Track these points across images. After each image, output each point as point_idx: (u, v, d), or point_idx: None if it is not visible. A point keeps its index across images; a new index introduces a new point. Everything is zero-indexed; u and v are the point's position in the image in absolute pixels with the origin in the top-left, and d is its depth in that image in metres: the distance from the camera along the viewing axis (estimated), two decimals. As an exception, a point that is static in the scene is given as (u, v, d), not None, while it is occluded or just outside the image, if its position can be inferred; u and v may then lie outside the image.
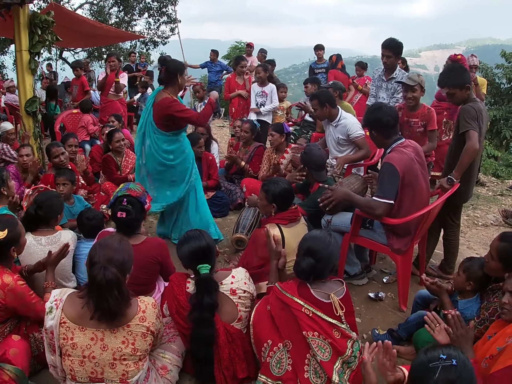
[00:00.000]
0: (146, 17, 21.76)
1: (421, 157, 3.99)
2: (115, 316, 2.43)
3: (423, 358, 1.92)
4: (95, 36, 11.74)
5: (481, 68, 17.12)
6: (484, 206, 7.55)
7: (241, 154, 6.74)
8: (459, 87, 4.17)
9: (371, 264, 4.78)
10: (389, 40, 5.75)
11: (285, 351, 2.78)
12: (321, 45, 10.46)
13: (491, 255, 3.04)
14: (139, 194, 3.48)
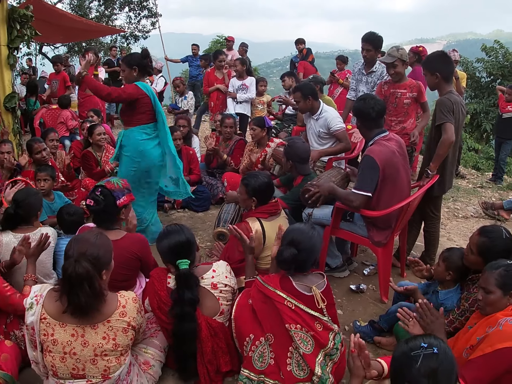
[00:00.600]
0: (126, 11, 21.63)
1: (403, 150, 4.03)
2: (87, 311, 2.41)
3: (404, 348, 1.93)
4: (75, 31, 11.60)
5: (462, 62, 17.28)
6: (464, 198, 7.62)
7: (222, 148, 6.70)
8: (429, 71, 4.24)
9: (352, 257, 4.81)
10: (369, 34, 5.77)
11: (267, 344, 2.78)
12: (302, 39, 10.50)
13: (471, 250, 3.05)
14: (115, 188, 3.42)
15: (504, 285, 2.53)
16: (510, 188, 8.43)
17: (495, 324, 2.47)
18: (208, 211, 6.14)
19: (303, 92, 5.32)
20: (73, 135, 8.41)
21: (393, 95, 5.32)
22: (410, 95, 5.26)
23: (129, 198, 3.50)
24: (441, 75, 4.18)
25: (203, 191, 6.22)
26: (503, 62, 17.09)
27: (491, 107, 16.48)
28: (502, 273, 2.54)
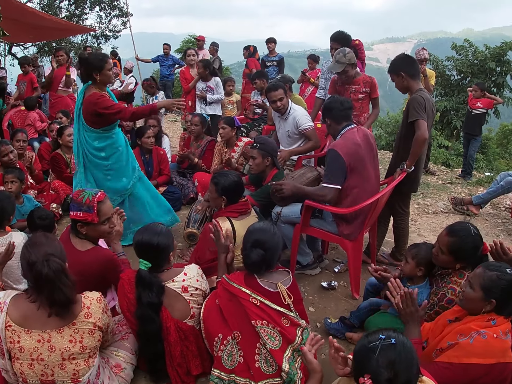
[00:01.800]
0: (97, 11, 21.34)
1: (370, 144, 4.07)
2: (70, 303, 2.42)
3: (364, 340, 1.96)
4: (45, 29, 11.42)
5: (432, 61, 17.53)
6: (434, 194, 7.72)
7: (193, 149, 6.66)
8: (394, 73, 4.30)
9: (323, 254, 4.83)
10: (337, 33, 5.83)
11: (235, 343, 2.78)
12: (272, 38, 10.51)
13: (441, 250, 3.05)
14: (76, 200, 3.21)
15: (487, 290, 2.49)
16: (479, 184, 8.56)
17: (468, 334, 2.49)
18: (180, 211, 6.08)
19: (284, 89, 5.38)
20: (42, 137, 8.28)
21: (347, 91, 5.40)
22: (364, 90, 5.36)
23: (85, 216, 3.18)
24: (406, 73, 4.22)
25: (174, 192, 6.18)
26: (473, 60, 17.37)
27: (461, 105, 16.73)
28: (493, 277, 2.50)
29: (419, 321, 2.76)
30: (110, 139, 4.68)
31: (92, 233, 3.27)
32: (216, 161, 6.28)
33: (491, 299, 2.48)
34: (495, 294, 2.47)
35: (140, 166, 6.08)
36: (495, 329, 2.46)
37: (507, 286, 2.45)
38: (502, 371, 2.40)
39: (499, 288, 2.46)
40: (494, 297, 2.47)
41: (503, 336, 2.44)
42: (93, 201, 3.19)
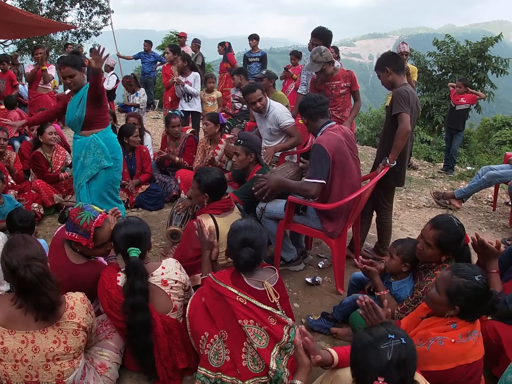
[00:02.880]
0: (77, 8, 21.17)
1: (350, 140, 4.09)
2: (56, 306, 2.40)
3: (369, 338, 1.93)
4: (26, 27, 11.22)
5: (414, 56, 17.68)
6: (417, 189, 7.79)
7: (172, 148, 6.62)
8: (380, 69, 4.34)
9: (307, 250, 4.84)
10: (318, 29, 5.84)
11: (222, 341, 2.77)
12: (255, 34, 10.52)
13: (427, 243, 3.05)
14: (72, 221, 3.12)
15: (452, 296, 2.46)
16: (461, 178, 8.66)
17: (425, 340, 2.49)
18: (162, 209, 6.07)
19: (262, 90, 5.37)
20: (23, 136, 8.18)
21: (328, 88, 5.42)
22: (344, 85, 5.40)
23: (80, 239, 3.10)
24: (391, 68, 4.26)
25: (156, 190, 6.15)
26: (454, 55, 17.55)
27: (443, 100, 16.89)
28: (460, 284, 2.46)
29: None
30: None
31: (87, 252, 3.23)
32: (199, 158, 6.26)
33: (455, 306, 2.46)
34: (460, 302, 2.44)
35: (122, 165, 6.05)
36: (454, 333, 2.45)
37: (472, 295, 2.42)
38: (465, 373, 2.41)
39: (464, 296, 2.43)
40: (458, 304, 2.45)
41: (462, 339, 2.43)
42: (90, 225, 3.09)
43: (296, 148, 5.54)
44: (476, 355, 2.46)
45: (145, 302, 2.93)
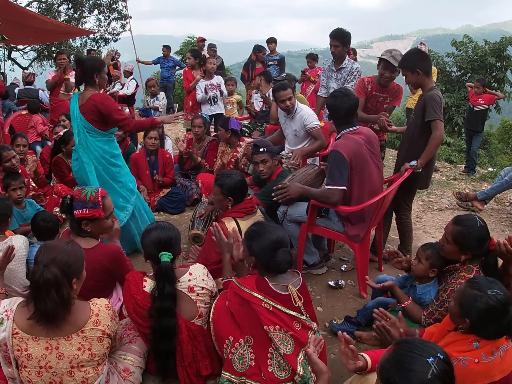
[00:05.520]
0: (96, 14, 21.35)
1: (372, 145, 4.03)
2: (53, 319, 2.35)
3: (416, 365, 1.81)
4: (45, 32, 11.38)
5: (432, 57, 17.55)
6: (438, 191, 7.71)
7: (195, 150, 6.65)
8: (409, 69, 4.24)
9: (329, 253, 4.81)
10: (336, 30, 5.83)
11: (247, 346, 2.76)
12: (273, 38, 10.53)
13: (447, 239, 3.06)
14: (79, 199, 3.25)
15: (464, 308, 2.40)
16: (483, 179, 8.57)
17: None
18: (184, 213, 6.09)
19: (292, 88, 5.36)
20: (45, 141, 8.28)
21: (375, 98, 5.30)
22: (390, 100, 5.30)
23: (92, 212, 3.25)
24: (422, 70, 4.18)
25: (177, 193, 6.17)
26: (473, 56, 17.40)
27: (462, 101, 16.74)
28: (471, 297, 2.38)
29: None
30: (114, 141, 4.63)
31: (96, 229, 3.34)
32: (219, 162, 6.28)
33: (465, 318, 2.40)
34: (471, 315, 2.37)
35: (144, 167, 6.06)
36: (477, 353, 2.37)
37: (483, 309, 2.33)
38: None
39: (474, 309, 2.35)
40: (469, 317, 2.38)
41: (488, 357, 2.35)
42: (97, 197, 3.28)
43: (318, 151, 5.51)
44: (504, 370, 2.38)
45: (173, 307, 2.91)
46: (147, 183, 6.17)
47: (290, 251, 2.88)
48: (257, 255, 2.90)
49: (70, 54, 18.26)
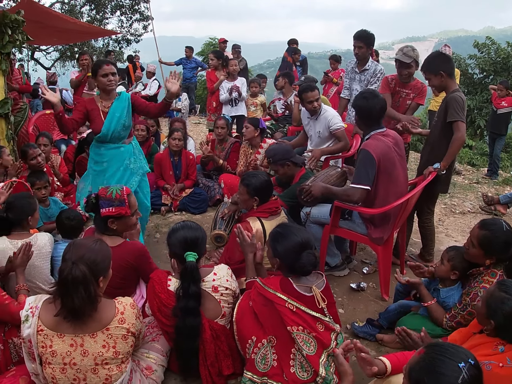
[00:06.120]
0: (118, 15, 21.56)
1: (400, 148, 4.00)
2: (79, 316, 2.37)
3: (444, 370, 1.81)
4: (69, 32, 11.50)
5: (454, 59, 17.36)
6: (461, 194, 7.63)
7: (218, 152, 6.68)
8: (433, 72, 4.22)
9: (351, 255, 4.79)
10: (360, 31, 5.80)
11: (270, 346, 2.76)
12: (294, 39, 10.54)
13: (472, 243, 3.04)
14: (105, 197, 3.31)
15: (490, 309, 2.39)
16: (505, 183, 8.47)
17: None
18: (206, 213, 6.12)
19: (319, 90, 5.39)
20: (69, 140, 8.36)
21: (398, 93, 5.28)
22: (413, 96, 5.23)
23: (118, 210, 3.31)
24: (445, 73, 4.16)
25: (200, 193, 6.20)
26: (495, 58, 17.18)
27: (484, 103, 16.56)
28: (498, 299, 2.37)
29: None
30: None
31: (121, 226, 3.40)
32: (242, 163, 6.29)
33: (491, 320, 2.39)
34: (496, 317, 2.36)
35: (168, 167, 6.10)
36: (502, 357, 2.34)
37: (509, 312, 2.32)
38: None
39: (500, 312, 2.34)
40: (494, 319, 2.36)
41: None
42: (123, 195, 3.34)
43: (341, 153, 5.51)
44: None
45: (197, 306, 2.93)
46: (170, 184, 6.21)
47: (314, 253, 2.88)
48: (282, 256, 2.90)
49: (92, 55, 18.48)
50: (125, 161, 4.51)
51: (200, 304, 2.95)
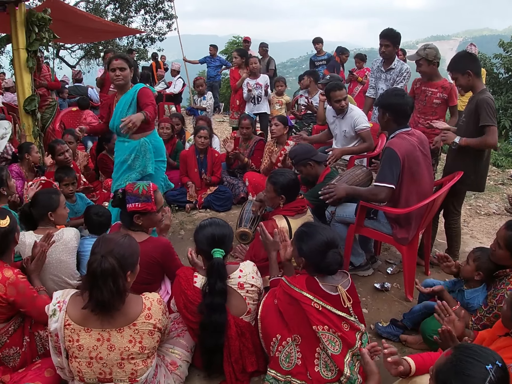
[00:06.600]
0: (142, 14, 21.68)
1: (424, 147, 3.97)
2: (107, 309, 2.39)
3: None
4: (94, 31, 11.64)
5: (480, 58, 17.11)
6: (486, 196, 7.55)
7: (242, 149, 6.72)
8: (460, 72, 4.18)
9: (375, 255, 4.77)
10: (387, 30, 5.79)
11: (294, 345, 2.76)
12: (319, 38, 10.49)
13: (498, 244, 3.01)
14: (131, 192, 3.37)
15: None
16: (532, 185, 8.36)
17: None
18: (230, 211, 6.16)
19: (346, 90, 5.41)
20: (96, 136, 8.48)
21: (423, 92, 5.23)
22: (440, 96, 5.15)
23: (144, 206, 3.36)
24: (472, 71, 4.11)
25: (224, 191, 6.25)
26: (521, 57, 16.92)
27: (510, 104, 16.30)
28: None
29: (463, 329, 2.73)
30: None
31: (147, 222, 3.46)
32: (266, 160, 6.31)
33: None
34: None
35: (193, 165, 6.16)
36: None
37: None
38: None
39: None
40: None
41: None
42: (149, 191, 3.41)
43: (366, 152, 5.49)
44: None
45: (223, 303, 2.95)
46: (195, 181, 6.29)
47: (340, 251, 2.88)
48: (307, 256, 2.91)
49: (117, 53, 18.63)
50: (124, 156, 4.55)
51: (226, 301, 2.97)
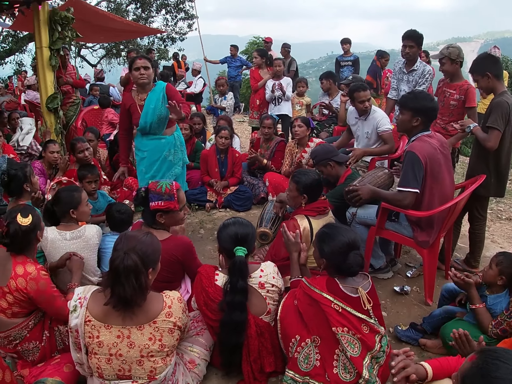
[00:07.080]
0: (163, 14, 21.89)
1: (445, 149, 3.94)
2: (129, 305, 2.39)
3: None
4: (115, 31, 11.71)
5: (502, 60, 16.95)
6: (508, 200, 7.45)
7: (263, 150, 6.72)
8: (479, 74, 4.16)
9: (396, 258, 4.73)
10: (411, 31, 5.74)
11: (313, 346, 2.75)
12: (348, 38, 10.44)
13: None
14: (154, 190, 3.40)
15: None
16: (554, 190, 8.23)
17: None
18: (250, 210, 6.17)
19: None
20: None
21: (443, 93, 5.20)
22: (457, 97, 5.06)
23: (167, 204, 3.39)
24: (492, 74, 4.08)
25: (244, 191, 6.27)
26: (544, 60, 16.73)
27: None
28: None
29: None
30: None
31: (169, 221, 3.49)
32: (287, 162, 6.30)
33: None
34: None
35: (214, 165, 6.21)
36: None
37: None
38: None
39: None
40: None
41: None
42: (172, 189, 3.43)
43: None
44: None
45: (244, 302, 2.95)
46: (215, 180, 6.30)
47: (361, 253, 2.86)
48: (328, 257, 2.89)
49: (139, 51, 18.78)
50: (164, 153, 4.66)
51: (247, 299, 2.97)
